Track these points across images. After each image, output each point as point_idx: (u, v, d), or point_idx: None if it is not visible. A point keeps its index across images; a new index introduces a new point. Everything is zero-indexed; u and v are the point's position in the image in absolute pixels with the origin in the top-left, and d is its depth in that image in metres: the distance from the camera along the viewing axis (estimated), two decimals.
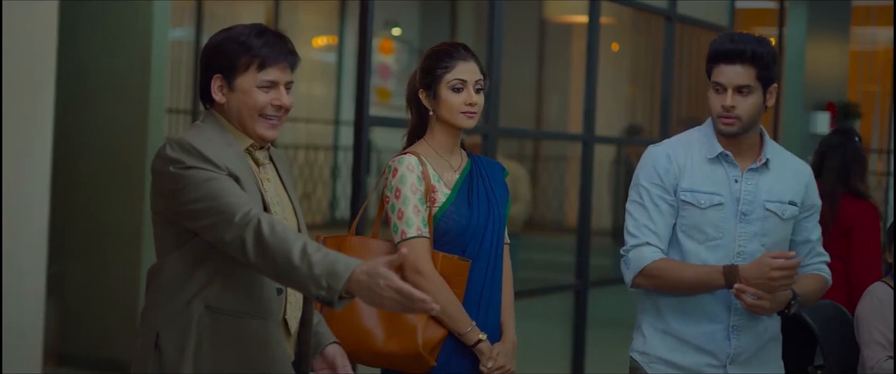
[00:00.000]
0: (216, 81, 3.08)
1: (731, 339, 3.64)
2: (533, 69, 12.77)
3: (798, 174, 3.73)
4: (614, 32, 11.71)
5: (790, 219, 3.67)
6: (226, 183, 2.94)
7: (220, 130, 3.09)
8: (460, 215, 3.58)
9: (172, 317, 3.00)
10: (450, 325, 3.54)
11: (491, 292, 3.65)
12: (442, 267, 3.53)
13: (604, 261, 9.62)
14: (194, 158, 2.94)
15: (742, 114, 3.58)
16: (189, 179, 2.93)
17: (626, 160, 10.69)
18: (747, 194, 3.64)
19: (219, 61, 3.08)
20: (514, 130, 8.95)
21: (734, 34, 3.65)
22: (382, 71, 12.80)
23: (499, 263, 3.68)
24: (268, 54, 3.07)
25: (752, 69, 3.56)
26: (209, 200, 2.91)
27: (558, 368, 6.97)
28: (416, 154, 3.60)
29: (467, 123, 3.61)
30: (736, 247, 3.63)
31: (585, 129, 6.94)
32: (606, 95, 9.94)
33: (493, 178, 3.74)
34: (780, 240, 3.67)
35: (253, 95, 3.07)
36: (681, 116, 8.39)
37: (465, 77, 3.61)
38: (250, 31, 3.10)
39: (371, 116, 5.14)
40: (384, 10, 12.28)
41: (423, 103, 3.64)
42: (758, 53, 3.56)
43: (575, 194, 7.37)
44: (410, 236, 3.52)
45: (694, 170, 3.68)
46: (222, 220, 2.88)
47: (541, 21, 13.03)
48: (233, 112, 3.09)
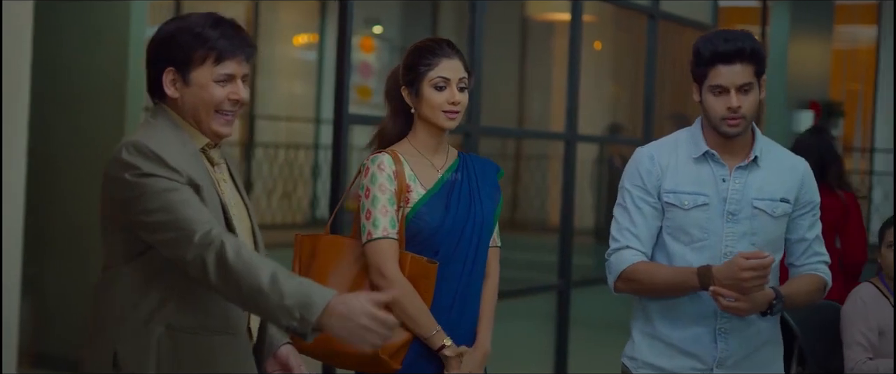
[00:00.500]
0: (168, 74, 2.90)
1: (718, 342, 3.54)
2: (515, 67, 12.73)
3: (793, 170, 3.61)
4: (597, 30, 11.68)
5: (782, 217, 3.56)
6: (185, 194, 2.78)
7: (174, 128, 2.93)
8: (433, 215, 3.48)
9: (131, 336, 2.85)
10: (413, 329, 3.43)
11: (466, 297, 3.55)
12: (410, 269, 3.43)
13: (586, 261, 9.59)
14: (152, 163, 2.78)
15: (747, 113, 3.51)
16: (146, 187, 2.77)
17: (609, 159, 10.67)
18: (735, 193, 3.55)
19: (171, 53, 2.90)
20: (496, 129, 8.90)
21: (724, 32, 3.55)
22: (363, 69, 12.74)
23: (478, 266, 3.58)
24: (225, 47, 2.91)
25: (750, 66, 3.49)
26: (167, 212, 2.75)
27: (541, 368, 6.92)
28: (393, 153, 3.51)
29: (448, 123, 3.52)
30: (723, 248, 3.53)
31: (568, 127, 6.91)
32: (589, 94, 9.90)
33: (483, 178, 3.64)
34: (773, 239, 3.56)
35: (210, 90, 2.90)
36: (664, 114, 8.35)
37: (448, 75, 3.51)
38: (205, 21, 2.93)
39: (351, 114, 5.09)
40: (365, 8, 12.23)
41: (406, 101, 3.55)
42: (755, 50, 3.50)
43: (557, 193, 7.33)
44: (376, 237, 3.43)
45: (678, 170, 3.61)
46: (181, 237, 2.74)
47: (523, 19, 13.00)
48: (187, 107, 2.92)
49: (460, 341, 3.51)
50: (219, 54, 2.91)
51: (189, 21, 2.94)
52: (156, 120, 2.95)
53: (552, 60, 12.69)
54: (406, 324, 3.42)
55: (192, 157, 2.89)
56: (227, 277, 2.71)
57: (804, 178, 3.62)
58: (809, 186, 3.62)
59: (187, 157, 2.87)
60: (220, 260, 2.71)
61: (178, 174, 2.80)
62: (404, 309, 3.40)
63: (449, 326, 3.48)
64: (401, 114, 3.61)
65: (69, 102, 7.19)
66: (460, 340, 3.51)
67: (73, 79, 7.19)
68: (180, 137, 2.91)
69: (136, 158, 2.79)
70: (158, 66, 2.92)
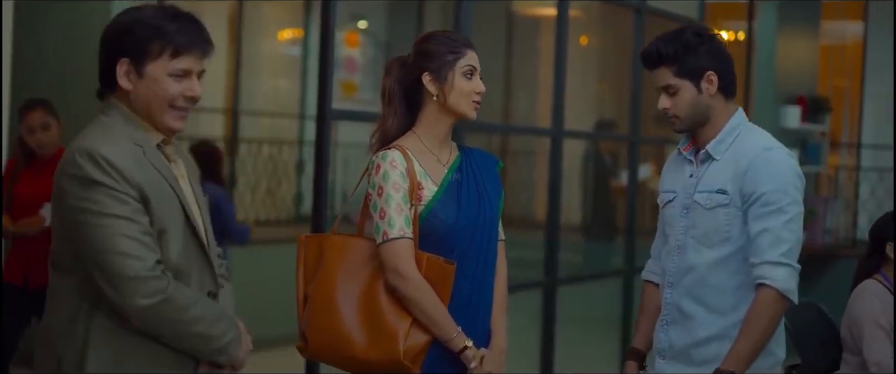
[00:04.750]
0: (122, 65, 2.84)
1: (660, 334, 3.64)
2: (501, 63, 12.66)
3: (740, 160, 3.49)
4: (583, 26, 11.62)
5: (716, 208, 3.48)
6: (124, 227, 2.73)
7: (127, 124, 2.87)
8: (447, 212, 3.41)
9: (72, 343, 2.83)
10: (434, 331, 3.36)
11: (480, 294, 3.48)
12: (426, 270, 3.34)
13: (573, 258, 9.54)
14: (102, 173, 2.73)
15: (679, 112, 3.55)
16: (89, 207, 2.73)
17: (596, 156, 10.61)
18: (690, 187, 3.58)
19: (126, 44, 2.84)
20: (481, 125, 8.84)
21: (657, 38, 3.59)
22: (348, 64, 12.66)
23: (490, 263, 3.51)
24: (182, 42, 2.85)
25: (665, 69, 3.52)
26: (98, 249, 2.74)
27: (527, 367, 6.88)
28: (401, 149, 3.42)
29: (473, 113, 3.49)
30: (675, 240, 3.61)
31: (554, 123, 6.87)
32: (575, 90, 9.84)
33: (485, 171, 3.58)
34: (708, 232, 3.51)
35: (163, 84, 2.84)
36: (651, 110, 8.31)
37: (475, 64, 3.49)
38: (164, 14, 2.86)
39: (335, 109, 5.03)
40: (350, 3, 12.15)
41: (428, 88, 3.46)
42: (662, 53, 3.51)
43: (544, 190, 7.28)
44: (392, 237, 3.34)
45: (669, 168, 3.72)
46: (108, 275, 2.74)
47: (509, 14, 12.93)
48: (140, 101, 2.86)
49: (477, 338, 3.43)
50: (176, 48, 2.84)
51: (146, 12, 2.87)
52: (108, 117, 2.88)
53: (538, 56, 12.63)
54: (426, 326, 3.34)
55: (149, 161, 2.83)
56: (155, 327, 2.82)
57: (750, 166, 3.46)
58: (755, 175, 3.44)
59: (144, 163, 2.81)
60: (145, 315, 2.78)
61: (129, 183, 2.75)
62: (424, 311, 3.33)
63: (466, 324, 3.40)
64: (403, 109, 3.52)
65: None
66: (477, 337, 3.44)
67: (54, 79, 7.13)
68: (134, 134, 2.85)
69: (86, 164, 2.74)
70: (112, 56, 2.85)
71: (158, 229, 2.82)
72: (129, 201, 2.74)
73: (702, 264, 3.52)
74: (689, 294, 3.56)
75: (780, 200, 3.41)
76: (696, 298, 3.54)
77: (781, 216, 3.41)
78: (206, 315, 2.85)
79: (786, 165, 3.47)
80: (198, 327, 2.83)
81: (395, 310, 3.34)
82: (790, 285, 3.40)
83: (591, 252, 10.30)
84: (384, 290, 3.36)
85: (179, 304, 2.79)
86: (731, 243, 3.49)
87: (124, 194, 2.74)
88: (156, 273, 2.75)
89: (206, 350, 2.88)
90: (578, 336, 7.49)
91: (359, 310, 3.36)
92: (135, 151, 2.82)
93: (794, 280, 3.42)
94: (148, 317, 2.76)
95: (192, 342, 2.85)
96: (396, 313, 3.34)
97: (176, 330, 2.80)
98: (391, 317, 3.33)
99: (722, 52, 3.56)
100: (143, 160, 2.83)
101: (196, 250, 2.95)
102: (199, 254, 2.96)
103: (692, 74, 3.51)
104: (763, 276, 3.39)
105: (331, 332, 3.38)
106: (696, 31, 3.57)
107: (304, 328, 3.47)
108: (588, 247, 10.25)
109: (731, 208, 3.47)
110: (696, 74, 3.51)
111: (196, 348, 2.87)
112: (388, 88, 3.53)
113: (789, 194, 3.43)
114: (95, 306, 2.81)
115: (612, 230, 9.87)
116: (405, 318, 3.34)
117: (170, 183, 2.88)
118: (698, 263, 3.53)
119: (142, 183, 2.78)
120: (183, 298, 2.80)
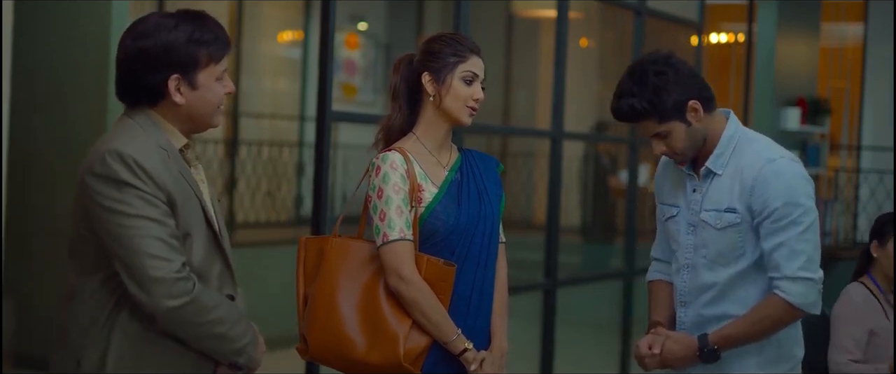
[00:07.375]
0: (173, 82, 2.86)
1: None
2: (500, 64, 12.66)
3: (744, 176, 3.40)
4: (583, 27, 11.63)
5: (728, 228, 3.41)
6: (153, 229, 2.76)
7: (154, 129, 2.89)
8: (448, 214, 3.40)
9: (92, 343, 2.86)
10: (434, 333, 3.35)
11: (481, 296, 3.47)
12: (426, 272, 3.33)
13: (573, 259, 9.55)
14: (132, 174, 2.76)
15: (677, 148, 3.44)
16: (119, 208, 2.76)
17: (595, 157, 10.62)
18: (694, 204, 3.51)
19: (175, 59, 2.85)
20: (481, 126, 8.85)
21: (622, 91, 3.44)
22: (348, 66, 12.67)
23: (490, 265, 3.50)
24: (220, 45, 2.92)
25: (647, 121, 3.42)
26: (127, 250, 2.76)
27: (527, 368, 6.88)
28: (401, 150, 3.42)
29: (468, 119, 3.48)
30: (683, 259, 3.56)
31: (554, 125, 6.87)
32: (575, 91, 9.85)
33: (486, 173, 3.57)
34: (722, 251, 3.45)
35: (215, 89, 2.92)
36: None
37: (477, 71, 3.48)
38: (192, 23, 2.89)
39: (335, 111, 5.03)
40: (350, 5, 12.15)
41: (426, 88, 3.47)
42: (638, 109, 3.39)
43: (543, 191, 7.28)
44: (392, 239, 3.33)
45: (665, 176, 3.65)
46: (136, 276, 2.76)
47: (508, 15, 12.94)
48: (192, 109, 2.90)
49: (478, 339, 3.43)
50: (218, 53, 2.91)
51: (173, 22, 2.88)
52: (134, 120, 2.90)
53: (538, 57, 12.63)
54: (426, 329, 3.34)
55: (174, 166, 2.86)
56: (182, 329, 2.85)
57: (757, 182, 3.37)
58: (763, 191, 3.36)
59: (171, 168, 2.85)
60: (171, 317, 2.81)
61: (158, 187, 2.78)
62: (424, 313, 3.32)
63: (466, 326, 3.40)
64: (407, 107, 3.52)
65: (50, 102, 7.11)
66: (478, 338, 3.43)
67: (53, 80, 7.12)
68: (161, 140, 2.88)
69: (119, 166, 2.76)
70: (161, 74, 2.86)
71: (183, 232, 2.85)
72: (157, 204, 2.78)
73: (720, 282, 3.47)
74: (711, 305, 3.50)
75: (791, 213, 3.33)
76: (720, 306, 3.49)
77: (795, 228, 3.33)
78: (227, 317, 2.89)
79: (792, 175, 3.37)
80: (220, 328, 2.87)
81: (396, 312, 3.34)
82: (808, 299, 3.35)
83: (591, 254, 10.32)
84: (384, 292, 3.36)
85: (204, 306, 2.82)
86: (746, 257, 3.43)
87: (153, 196, 2.77)
88: (183, 275, 2.78)
89: (226, 351, 2.93)
90: (578, 338, 7.49)
91: (359, 312, 3.36)
92: (162, 155, 2.85)
93: (814, 293, 3.36)
94: (173, 318, 2.79)
95: (213, 343, 2.90)
96: (397, 315, 3.34)
97: (199, 331, 2.85)
98: (391, 319, 3.33)
99: (688, 73, 3.43)
100: (170, 164, 2.85)
101: (216, 253, 2.98)
102: (219, 257, 2.99)
103: (675, 113, 3.38)
104: (780, 289, 3.36)
105: (331, 334, 3.38)
106: (655, 69, 3.39)
107: (304, 330, 3.47)
108: (588, 249, 10.26)
109: (742, 226, 3.40)
110: (678, 111, 3.38)
111: (217, 349, 2.92)
112: (395, 86, 3.53)
113: (801, 204, 3.34)
114: (119, 308, 2.84)
115: (612, 232, 9.88)
116: (405, 320, 3.33)
117: (192, 187, 2.92)
118: (716, 281, 3.47)
119: (169, 186, 2.81)
120: (208, 300, 2.84)
